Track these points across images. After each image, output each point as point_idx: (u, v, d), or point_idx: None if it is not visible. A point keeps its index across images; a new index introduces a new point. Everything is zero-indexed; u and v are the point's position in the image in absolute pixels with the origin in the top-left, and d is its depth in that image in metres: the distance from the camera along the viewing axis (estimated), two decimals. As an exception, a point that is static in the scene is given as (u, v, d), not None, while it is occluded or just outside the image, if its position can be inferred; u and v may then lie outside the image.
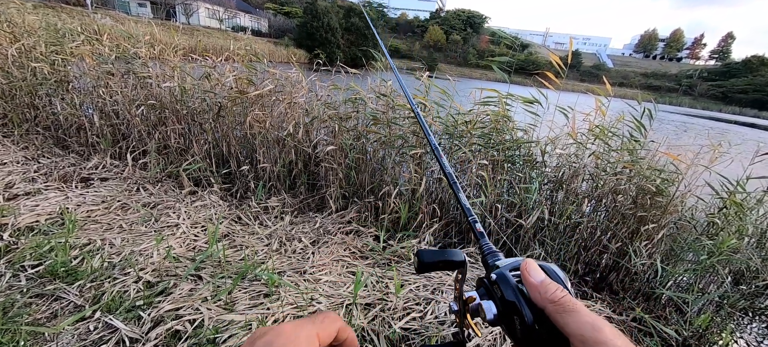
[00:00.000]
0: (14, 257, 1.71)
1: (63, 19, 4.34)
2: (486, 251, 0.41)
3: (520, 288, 0.34)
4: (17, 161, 2.80)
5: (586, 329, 0.30)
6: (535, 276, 0.34)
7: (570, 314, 0.31)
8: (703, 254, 2.00)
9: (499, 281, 0.35)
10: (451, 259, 0.39)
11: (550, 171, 2.53)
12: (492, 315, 0.34)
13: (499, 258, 0.40)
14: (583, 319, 0.30)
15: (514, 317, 0.33)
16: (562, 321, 0.31)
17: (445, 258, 0.39)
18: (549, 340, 0.32)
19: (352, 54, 30.67)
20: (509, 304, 0.34)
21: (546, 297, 0.32)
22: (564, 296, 0.32)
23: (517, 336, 0.33)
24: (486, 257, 0.41)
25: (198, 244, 2.04)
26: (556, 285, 0.33)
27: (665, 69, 72.74)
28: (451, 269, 0.40)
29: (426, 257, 0.39)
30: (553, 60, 2.33)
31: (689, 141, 2.90)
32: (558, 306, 0.32)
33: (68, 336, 1.33)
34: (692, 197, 2.38)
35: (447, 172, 0.53)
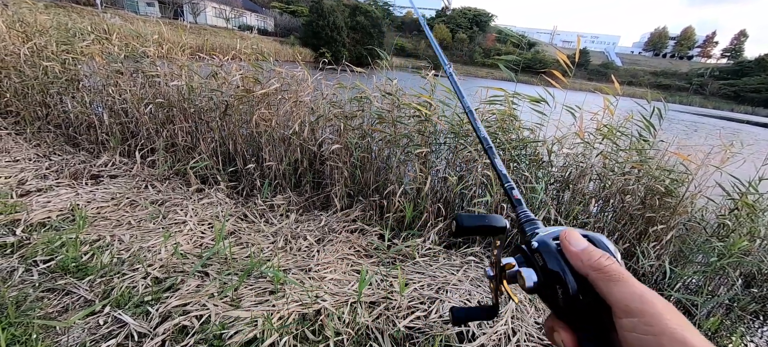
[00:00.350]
0: (27, 252, 1.74)
1: (73, 18, 4.40)
2: (523, 219, 0.40)
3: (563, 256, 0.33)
4: (29, 158, 2.86)
5: (632, 299, 0.28)
6: (577, 243, 0.33)
7: (616, 283, 0.29)
8: (714, 256, 1.97)
9: (542, 249, 0.34)
10: (492, 224, 0.38)
11: (557, 171, 2.51)
12: (532, 283, 0.33)
13: (538, 226, 0.38)
14: (631, 289, 0.28)
15: (557, 286, 0.32)
16: (606, 289, 0.29)
17: (485, 223, 0.38)
18: (592, 310, 0.30)
19: (358, 53, 30.68)
20: (552, 273, 0.32)
21: (589, 263, 0.31)
22: (610, 263, 0.30)
23: (559, 304, 0.32)
24: (523, 225, 0.39)
25: (205, 241, 2.07)
26: (601, 252, 0.31)
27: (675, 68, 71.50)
28: (492, 234, 0.38)
29: (465, 221, 0.38)
30: (561, 58, 2.31)
31: (700, 141, 2.86)
32: (602, 273, 0.30)
33: (79, 330, 1.36)
34: (702, 198, 2.34)
35: (482, 136, 0.51)
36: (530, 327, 1.60)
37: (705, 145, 2.58)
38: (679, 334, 0.25)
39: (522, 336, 1.54)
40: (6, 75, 3.55)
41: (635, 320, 0.27)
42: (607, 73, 55.31)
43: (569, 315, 0.32)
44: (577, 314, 0.31)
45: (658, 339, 0.26)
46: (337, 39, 32.50)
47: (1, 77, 3.62)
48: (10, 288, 1.51)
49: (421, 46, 55.35)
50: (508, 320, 1.60)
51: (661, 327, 0.26)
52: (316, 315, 1.54)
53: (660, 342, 0.26)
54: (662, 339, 0.26)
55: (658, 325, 0.26)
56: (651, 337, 0.26)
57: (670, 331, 0.26)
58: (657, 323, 0.26)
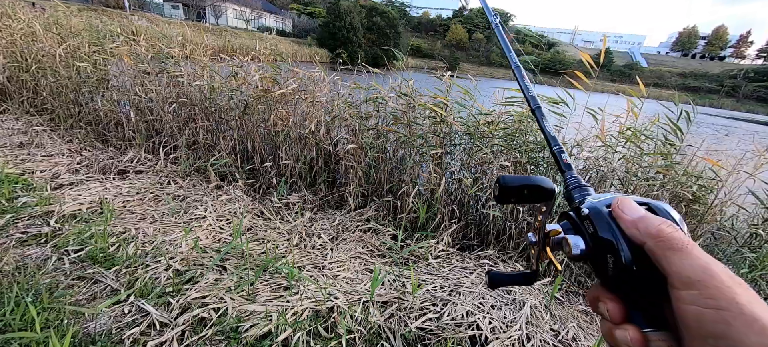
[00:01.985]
0: (59, 242, 1.85)
1: (104, 21, 4.63)
2: (572, 185, 0.38)
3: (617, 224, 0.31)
4: (62, 153, 3.02)
5: (695, 270, 0.25)
6: (631, 211, 0.30)
7: (677, 252, 0.27)
8: (745, 267, 1.87)
9: (593, 215, 0.32)
10: (539, 185, 0.35)
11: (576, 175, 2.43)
12: (579, 250, 0.32)
13: (588, 193, 0.36)
14: (694, 260, 0.26)
15: (608, 255, 0.30)
16: (664, 258, 0.27)
17: (532, 183, 0.35)
18: (645, 281, 0.29)
19: (374, 53, 30.79)
20: (603, 241, 0.31)
21: (647, 231, 0.29)
22: (671, 231, 0.28)
23: (609, 274, 0.30)
24: (572, 191, 0.37)
25: (223, 236, 2.13)
26: (661, 219, 0.29)
27: (706, 69, 68.07)
28: (538, 199, 0.35)
29: (509, 181, 0.35)
30: (585, 59, 2.25)
31: (731, 146, 2.71)
32: (661, 241, 0.28)
33: (105, 318, 1.43)
34: (733, 206, 2.22)
35: (529, 94, 0.48)
36: (545, 333, 1.57)
37: (737, 150, 2.45)
38: (748, 309, 0.23)
39: (536, 342, 1.51)
40: (43, 75, 3.78)
41: (696, 292, 0.25)
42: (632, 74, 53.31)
43: (619, 285, 0.30)
44: (628, 285, 0.30)
45: (721, 313, 0.23)
46: (353, 40, 32.74)
47: (39, 77, 3.85)
48: (44, 275, 1.61)
49: (436, 47, 55.04)
50: (522, 326, 1.57)
51: (727, 300, 0.23)
52: (329, 312, 1.56)
53: (723, 316, 0.23)
54: (727, 313, 0.23)
55: (723, 298, 0.24)
56: (712, 311, 0.24)
57: (737, 305, 0.23)
58: (722, 296, 0.24)
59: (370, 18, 36.25)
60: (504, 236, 2.31)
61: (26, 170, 2.63)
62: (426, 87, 2.71)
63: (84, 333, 1.35)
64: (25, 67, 3.90)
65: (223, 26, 31.50)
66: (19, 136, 3.28)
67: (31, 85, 3.97)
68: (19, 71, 3.96)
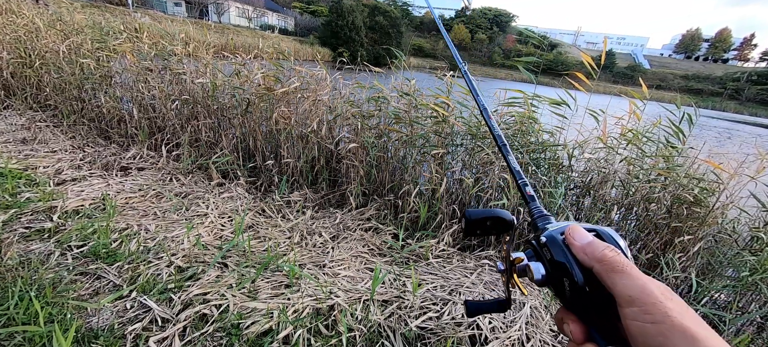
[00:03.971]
0: (62, 237, 1.86)
1: (107, 18, 4.64)
2: (536, 215, 0.40)
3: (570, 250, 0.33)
4: (65, 149, 3.04)
5: (634, 289, 0.28)
6: (581, 238, 0.33)
7: (619, 274, 0.30)
8: (745, 270, 1.87)
9: (549, 243, 0.35)
10: (499, 217, 0.38)
11: (577, 176, 2.44)
12: (540, 276, 0.34)
13: (549, 222, 0.39)
14: (633, 280, 0.29)
15: (564, 278, 0.33)
16: (609, 280, 0.30)
17: (494, 216, 0.38)
18: (599, 302, 0.31)
19: (376, 53, 30.76)
20: (559, 265, 0.33)
21: (593, 256, 0.31)
22: (613, 255, 0.31)
23: (566, 296, 0.33)
24: (536, 220, 0.40)
25: (224, 234, 2.14)
26: (606, 245, 0.32)
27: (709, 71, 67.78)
28: (500, 229, 0.38)
29: (473, 215, 0.38)
30: (585, 60, 2.24)
31: (733, 149, 2.71)
32: (605, 264, 0.31)
33: (108, 313, 1.44)
34: (734, 209, 2.22)
35: (495, 133, 0.51)
36: (545, 334, 1.57)
37: (739, 153, 2.44)
38: (678, 321, 0.26)
39: (536, 342, 1.52)
40: (46, 71, 3.79)
41: (636, 309, 0.28)
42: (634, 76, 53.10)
43: (577, 306, 0.33)
44: (584, 305, 0.32)
45: (658, 326, 0.26)
46: (355, 39, 32.72)
47: (42, 73, 3.86)
48: (47, 270, 1.62)
49: (439, 47, 54.94)
50: (522, 326, 1.57)
51: (661, 314, 0.26)
52: (329, 310, 1.57)
53: (660, 329, 0.26)
54: (662, 326, 0.26)
55: (658, 313, 0.27)
56: (651, 325, 0.27)
57: (670, 319, 0.26)
58: (657, 311, 0.27)
59: (372, 17, 36.22)
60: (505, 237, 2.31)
61: (30, 165, 2.64)
62: (428, 87, 2.71)
63: (87, 328, 1.36)
64: (29, 63, 3.91)
65: (226, 24, 31.53)
66: (23, 132, 3.30)
67: (34, 81, 3.99)
68: (23, 67, 3.98)
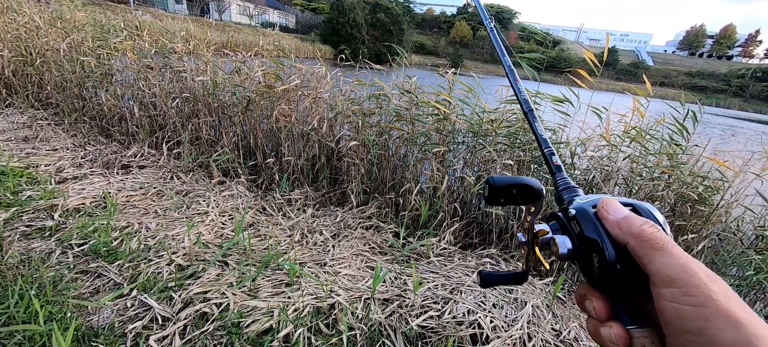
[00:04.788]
0: (63, 235, 1.86)
1: (108, 15, 4.63)
2: (562, 187, 0.38)
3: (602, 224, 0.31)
4: (67, 147, 3.04)
5: (674, 269, 0.26)
6: (615, 211, 0.31)
7: (657, 251, 0.28)
8: (750, 269, 1.85)
9: (579, 215, 0.33)
10: (528, 185, 0.35)
11: (580, 174, 2.42)
12: (566, 250, 0.32)
13: (577, 194, 0.37)
14: (674, 259, 0.27)
15: (593, 254, 0.31)
16: (646, 257, 0.28)
17: (521, 183, 0.35)
18: (629, 280, 0.29)
19: (377, 50, 30.67)
20: (589, 241, 0.31)
21: (630, 231, 0.29)
22: (653, 231, 0.29)
23: (594, 273, 0.31)
24: (562, 192, 0.38)
25: (225, 232, 2.13)
26: (644, 220, 0.30)
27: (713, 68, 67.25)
28: (527, 199, 0.36)
29: (498, 182, 0.35)
30: (588, 57, 2.22)
31: (738, 147, 2.68)
32: (643, 240, 0.29)
33: (108, 311, 1.43)
34: (739, 207, 2.20)
35: (522, 97, 0.49)
36: (547, 333, 1.56)
37: (744, 151, 2.42)
38: (724, 306, 0.24)
39: (538, 341, 1.50)
40: (47, 69, 3.79)
41: (675, 290, 0.26)
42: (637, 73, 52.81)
43: (604, 283, 0.31)
44: (612, 283, 0.30)
45: (699, 310, 0.24)
46: (356, 36, 32.63)
47: (43, 71, 3.86)
48: (48, 269, 1.62)
49: (440, 44, 54.73)
50: (524, 325, 1.56)
51: (704, 297, 0.24)
52: (330, 308, 1.56)
53: (702, 313, 0.24)
54: (704, 310, 0.24)
55: (701, 295, 0.24)
56: (691, 307, 0.25)
57: (714, 302, 0.24)
58: (700, 293, 0.25)
59: (373, 14, 36.09)
60: (506, 236, 2.30)
61: (31, 163, 2.64)
62: (429, 84, 2.69)
63: (87, 327, 1.36)
64: (30, 62, 3.91)
65: (227, 22, 31.49)
66: (24, 130, 3.30)
67: (35, 80, 3.99)
68: (24, 65, 3.98)
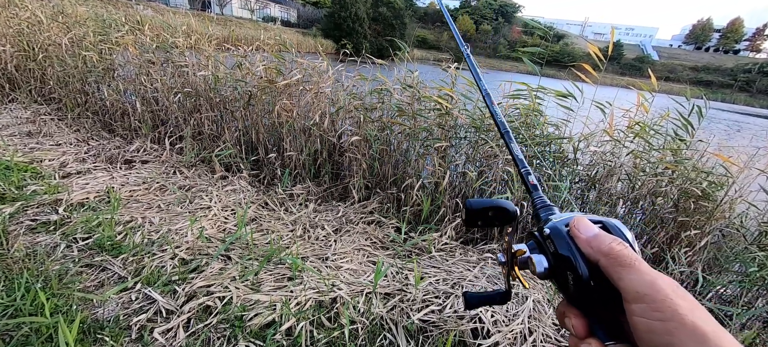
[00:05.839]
0: (68, 230, 1.88)
1: (109, 10, 4.63)
2: (539, 205, 0.39)
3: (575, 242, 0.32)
4: (70, 142, 3.05)
5: (642, 285, 0.27)
6: (586, 230, 0.32)
7: (626, 268, 0.29)
8: (753, 265, 1.84)
9: (553, 234, 0.34)
10: (503, 207, 0.37)
11: (583, 169, 2.41)
12: (542, 269, 0.34)
13: (553, 212, 0.38)
14: (641, 275, 0.28)
15: (568, 272, 0.32)
16: (616, 275, 0.29)
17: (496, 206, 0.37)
18: (603, 296, 0.30)
19: (379, 45, 30.49)
20: (562, 258, 0.32)
21: (599, 249, 0.30)
22: (621, 249, 0.30)
23: (570, 291, 0.32)
24: (539, 210, 0.39)
25: (228, 226, 2.15)
26: (613, 238, 0.31)
27: (719, 63, 66.37)
28: (502, 222, 0.37)
29: (475, 205, 0.37)
30: (592, 51, 2.20)
31: (743, 142, 2.66)
32: (612, 258, 0.30)
33: (113, 304, 1.45)
34: (743, 203, 2.18)
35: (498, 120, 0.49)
36: (548, 327, 1.57)
37: (749, 146, 2.40)
38: (689, 320, 0.25)
39: (538, 336, 1.51)
40: (49, 64, 3.80)
41: (644, 306, 0.27)
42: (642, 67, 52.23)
43: (580, 300, 0.32)
44: (588, 300, 0.31)
45: (666, 324, 0.25)
46: (358, 30, 32.43)
47: (46, 66, 3.87)
48: (53, 262, 1.64)
49: (443, 38, 54.30)
50: (525, 320, 1.57)
51: (671, 312, 0.25)
52: (332, 302, 1.58)
53: (668, 327, 0.25)
54: (670, 324, 0.25)
55: (667, 310, 0.26)
56: (659, 323, 0.26)
57: (680, 316, 0.25)
58: (666, 308, 0.26)
59: (375, 8, 35.82)
60: (508, 230, 2.30)
61: (35, 158, 2.66)
62: (431, 79, 2.67)
63: (92, 319, 1.38)
64: (33, 56, 3.92)
65: (228, 16, 31.35)
66: (28, 125, 3.32)
67: (38, 75, 4.00)
68: (27, 60, 3.99)
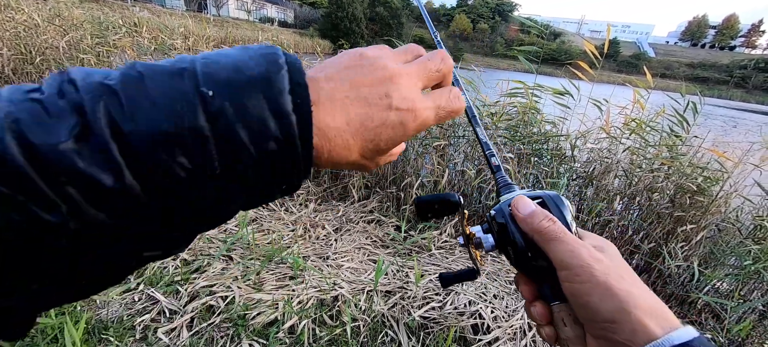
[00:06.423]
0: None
1: (105, 12, 4.63)
2: (501, 184, 0.42)
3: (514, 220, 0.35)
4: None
5: (565, 255, 0.30)
6: (523, 208, 0.34)
7: (552, 242, 0.31)
8: (748, 259, 1.87)
9: (497, 214, 0.37)
10: (447, 199, 0.40)
11: (580, 166, 2.43)
12: (489, 246, 0.38)
13: (511, 190, 0.40)
14: (565, 246, 0.31)
15: (508, 247, 0.35)
16: (546, 248, 0.32)
17: (441, 199, 0.40)
18: (541, 265, 0.33)
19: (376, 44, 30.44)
20: (505, 236, 0.35)
21: (532, 227, 0.33)
22: (549, 225, 0.32)
23: (513, 261, 0.36)
24: (500, 189, 0.42)
25: (229, 227, 2.16)
26: (545, 215, 0.33)
27: (715, 59, 66.76)
28: (449, 212, 0.40)
29: (423, 200, 0.40)
30: (588, 49, 2.22)
31: (739, 138, 2.69)
32: (541, 234, 0.32)
33: (116, 305, 1.46)
34: (738, 198, 2.21)
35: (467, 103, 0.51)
36: (547, 322, 1.59)
37: (744, 142, 2.43)
38: (602, 280, 0.28)
39: (538, 331, 1.53)
40: (47, 67, 3.79)
41: (568, 272, 0.30)
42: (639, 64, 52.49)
43: (524, 269, 0.36)
44: (529, 268, 0.35)
45: (584, 286, 0.29)
46: (356, 30, 32.41)
47: (43, 70, 3.87)
48: (55, 264, 1.65)
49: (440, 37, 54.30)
50: (524, 315, 1.59)
51: (587, 275, 0.29)
52: (333, 301, 1.59)
53: (585, 289, 0.29)
54: (587, 286, 0.29)
55: (584, 274, 0.29)
56: (578, 285, 0.29)
57: (594, 278, 0.29)
58: (583, 272, 0.29)
59: (372, 8, 35.83)
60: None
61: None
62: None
63: (97, 320, 1.39)
64: (30, 60, 3.91)
65: (225, 17, 31.28)
66: (26, 128, 3.31)
67: (36, 78, 3.99)
68: (24, 63, 3.98)
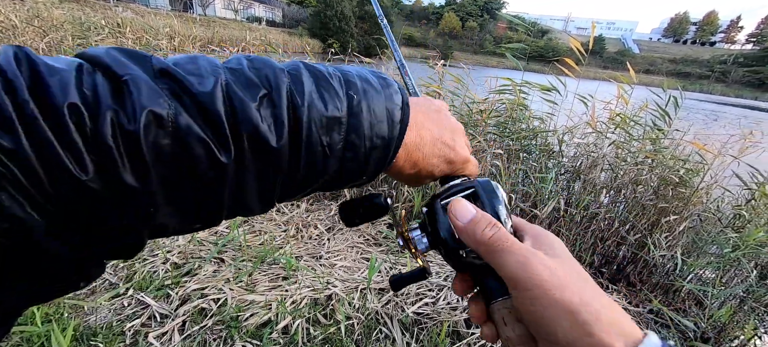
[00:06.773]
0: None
1: (87, 13, 4.51)
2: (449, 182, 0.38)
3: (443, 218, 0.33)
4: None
5: (515, 268, 0.27)
6: (463, 216, 0.31)
7: (498, 253, 0.28)
8: (728, 247, 1.94)
9: (428, 215, 0.35)
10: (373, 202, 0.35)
11: (567, 161, 2.48)
12: (423, 246, 0.35)
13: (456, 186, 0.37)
14: (515, 257, 0.27)
15: (440, 246, 0.34)
16: (493, 263, 0.28)
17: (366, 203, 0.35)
18: (474, 262, 0.32)
19: (366, 43, 30.42)
20: (437, 235, 0.34)
21: (475, 239, 0.29)
22: (492, 233, 0.29)
23: (446, 258, 0.35)
24: None
25: (219, 229, 2.13)
26: (487, 221, 0.30)
27: (696, 54, 68.69)
28: (378, 215, 0.36)
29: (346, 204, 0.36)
30: (574, 46, 2.26)
31: (719, 130, 2.78)
32: (486, 246, 0.29)
33: (105, 311, 1.44)
34: (718, 189, 2.29)
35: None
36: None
37: (724, 134, 2.51)
38: (557, 297, 0.25)
39: (529, 323, 1.56)
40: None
41: (519, 289, 0.27)
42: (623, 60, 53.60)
43: (457, 266, 0.35)
44: (461, 265, 0.34)
45: (538, 303, 0.26)
46: (345, 29, 32.27)
47: (23, 71, 3.75)
48: (40, 271, 1.60)
49: (429, 35, 54.56)
50: (515, 307, 1.62)
51: (541, 291, 0.26)
52: (327, 300, 1.59)
53: (541, 306, 0.26)
54: (542, 302, 0.26)
55: (537, 289, 0.26)
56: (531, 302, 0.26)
57: (550, 294, 0.25)
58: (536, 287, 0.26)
59: (361, 7, 35.70)
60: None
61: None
62: (419, 76, 2.71)
63: (85, 326, 1.36)
64: (8, 62, 3.79)
65: (211, 17, 30.75)
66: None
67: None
68: (2, 66, 3.85)
